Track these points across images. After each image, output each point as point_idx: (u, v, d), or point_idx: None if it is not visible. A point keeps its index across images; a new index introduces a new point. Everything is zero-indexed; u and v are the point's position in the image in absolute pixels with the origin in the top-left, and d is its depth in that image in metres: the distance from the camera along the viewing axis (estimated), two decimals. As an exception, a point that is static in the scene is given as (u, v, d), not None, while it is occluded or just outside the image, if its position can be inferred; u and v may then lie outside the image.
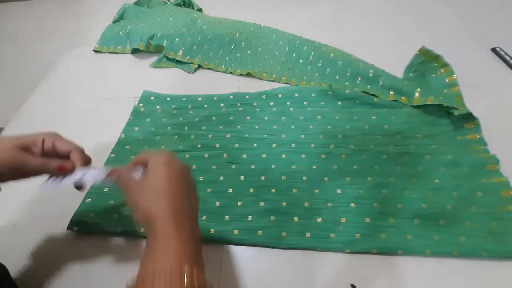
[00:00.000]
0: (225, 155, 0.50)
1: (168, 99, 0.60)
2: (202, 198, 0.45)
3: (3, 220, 0.45)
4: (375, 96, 0.56)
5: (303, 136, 0.51)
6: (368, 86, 0.58)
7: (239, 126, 0.54)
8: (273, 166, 0.48)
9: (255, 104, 0.58)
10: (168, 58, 0.69)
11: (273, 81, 0.63)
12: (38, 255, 0.41)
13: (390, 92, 0.57)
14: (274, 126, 0.53)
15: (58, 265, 0.40)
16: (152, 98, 0.61)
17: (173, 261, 0.23)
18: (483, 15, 0.72)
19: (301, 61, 0.65)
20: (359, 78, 0.60)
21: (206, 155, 0.50)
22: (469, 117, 0.50)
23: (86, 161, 0.35)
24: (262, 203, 0.44)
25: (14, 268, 0.40)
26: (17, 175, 0.33)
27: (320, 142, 0.50)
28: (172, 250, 0.24)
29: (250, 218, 0.43)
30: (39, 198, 0.38)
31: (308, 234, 0.41)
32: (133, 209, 0.27)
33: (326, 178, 0.46)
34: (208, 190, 0.46)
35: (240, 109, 0.57)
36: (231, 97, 0.59)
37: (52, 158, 0.34)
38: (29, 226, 0.44)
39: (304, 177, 0.46)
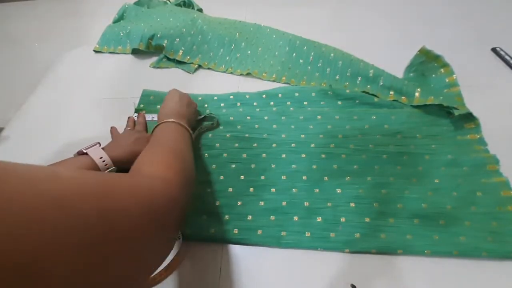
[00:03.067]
0: (225, 155, 0.50)
1: (168, 99, 0.60)
2: (202, 198, 0.45)
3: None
4: (375, 96, 0.56)
5: (303, 136, 0.51)
6: (368, 86, 0.58)
7: (239, 126, 0.54)
8: (273, 166, 0.48)
9: (255, 104, 0.58)
10: (168, 58, 0.69)
11: (273, 81, 0.63)
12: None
13: (390, 92, 0.57)
14: (274, 126, 0.53)
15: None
16: (151, 97, 0.61)
17: (167, 123, 0.43)
18: (483, 15, 0.72)
19: (301, 61, 0.65)
20: (359, 78, 0.60)
21: (206, 155, 0.50)
22: (469, 117, 0.50)
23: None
24: (262, 203, 0.44)
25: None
26: None
27: (320, 142, 0.50)
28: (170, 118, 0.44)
29: (250, 217, 0.43)
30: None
31: (307, 234, 0.41)
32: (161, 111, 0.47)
33: (326, 178, 0.46)
34: (208, 189, 0.46)
35: (240, 109, 0.57)
36: (231, 97, 0.59)
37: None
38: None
39: (304, 177, 0.46)
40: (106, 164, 0.41)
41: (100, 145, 0.44)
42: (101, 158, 0.41)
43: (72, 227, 0.17)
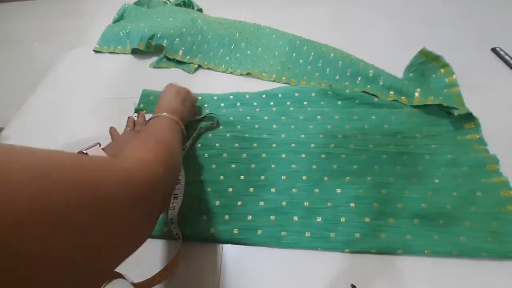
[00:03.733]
0: (225, 155, 0.50)
1: (168, 99, 0.60)
2: (202, 198, 0.45)
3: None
4: (375, 96, 0.56)
5: (303, 135, 0.51)
6: (368, 86, 0.58)
7: (239, 126, 0.54)
8: (273, 166, 0.48)
9: (255, 104, 0.58)
10: (168, 58, 0.69)
11: (273, 81, 0.63)
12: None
13: (390, 92, 0.57)
14: (274, 126, 0.53)
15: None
16: (151, 97, 0.61)
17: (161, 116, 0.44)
18: (483, 15, 0.72)
19: (301, 61, 0.65)
20: (359, 78, 0.60)
21: (206, 155, 0.50)
22: (469, 117, 0.50)
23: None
24: (262, 203, 0.44)
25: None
26: None
27: (320, 142, 0.50)
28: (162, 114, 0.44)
29: (250, 217, 0.43)
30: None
31: (307, 234, 0.41)
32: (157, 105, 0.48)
33: (325, 178, 0.46)
34: (208, 189, 0.46)
35: (240, 109, 0.57)
36: (231, 97, 0.59)
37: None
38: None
39: (304, 177, 0.46)
40: None
41: (100, 146, 0.44)
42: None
43: (51, 197, 0.17)
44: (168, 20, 0.78)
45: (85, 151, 0.42)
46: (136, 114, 0.57)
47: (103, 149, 0.43)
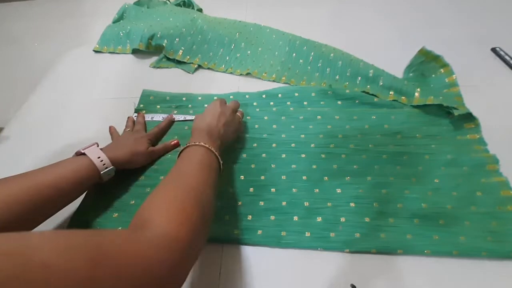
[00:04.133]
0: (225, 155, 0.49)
1: (168, 98, 0.60)
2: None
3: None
4: (375, 96, 0.56)
5: (303, 135, 0.51)
6: (368, 86, 0.58)
7: (239, 126, 0.54)
8: (273, 166, 0.48)
9: (255, 104, 0.58)
10: (168, 58, 0.69)
11: (273, 81, 0.63)
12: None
13: (390, 92, 0.57)
14: (274, 126, 0.53)
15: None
16: (151, 97, 0.61)
17: (197, 146, 0.39)
18: (483, 15, 0.72)
19: (301, 61, 0.65)
20: (359, 78, 0.60)
21: (206, 155, 0.50)
22: (469, 117, 0.50)
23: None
24: (262, 203, 0.44)
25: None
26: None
27: (320, 141, 0.50)
28: (202, 139, 0.40)
29: (250, 217, 0.43)
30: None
31: (307, 234, 0.41)
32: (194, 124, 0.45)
33: (326, 178, 0.46)
34: (208, 189, 0.46)
35: (240, 109, 0.57)
36: (231, 97, 0.59)
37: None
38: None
39: (304, 177, 0.46)
40: (104, 164, 0.41)
41: (98, 145, 0.44)
42: (99, 157, 0.41)
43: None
44: (168, 20, 0.78)
45: (82, 151, 0.42)
46: (136, 114, 0.57)
47: (101, 149, 0.43)
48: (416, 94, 0.54)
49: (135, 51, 0.73)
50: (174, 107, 0.59)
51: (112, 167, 0.42)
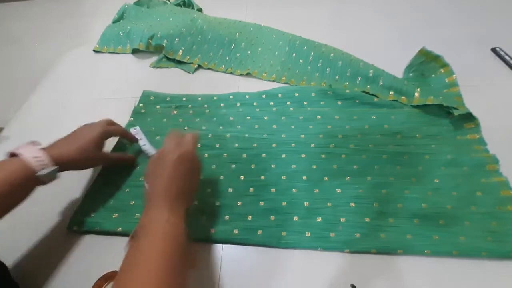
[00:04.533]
0: (225, 155, 0.50)
1: (168, 98, 0.60)
2: (202, 198, 0.45)
3: (3, 220, 0.45)
4: (375, 96, 0.56)
5: (303, 136, 0.51)
6: (368, 86, 0.58)
7: (239, 126, 0.54)
8: (273, 166, 0.48)
9: (255, 104, 0.58)
10: (168, 58, 0.69)
11: (273, 81, 0.63)
12: (38, 255, 0.42)
13: (390, 92, 0.57)
14: (274, 126, 0.53)
15: (58, 264, 0.40)
16: (152, 98, 0.61)
17: (158, 215, 0.32)
18: (483, 15, 0.72)
19: (301, 61, 0.65)
20: (359, 78, 0.60)
21: (206, 155, 0.50)
22: (469, 117, 0.50)
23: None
24: (262, 203, 0.44)
25: (14, 267, 0.40)
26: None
27: (320, 142, 0.50)
28: (159, 210, 0.32)
29: (250, 217, 0.43)
30: (39, 198, 0.38)
31: (308, 234, 0.41)
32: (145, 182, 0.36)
33: (326, 178, 0.46)
34: (208, 190, 0.46)
35: (240, 109, 0.57)
36: (231, 97, 0.59)
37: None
38: (29, 225, 0.44)
39: (304, 177, 0.46)
40: (42, 164, 0.36)
41: (39, 144, 0.39)
42: (35, 157, 0.35)
43: None
44: (168, 20, 0.78)
45: (16, 151, 0.37)
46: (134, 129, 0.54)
47: (49, 146, 0.39)
48: (416, 94, 0.54)
49: (135, 51, 0.73)
50: (174, 107, 0.59)
51: (55, 167, 0.37)
